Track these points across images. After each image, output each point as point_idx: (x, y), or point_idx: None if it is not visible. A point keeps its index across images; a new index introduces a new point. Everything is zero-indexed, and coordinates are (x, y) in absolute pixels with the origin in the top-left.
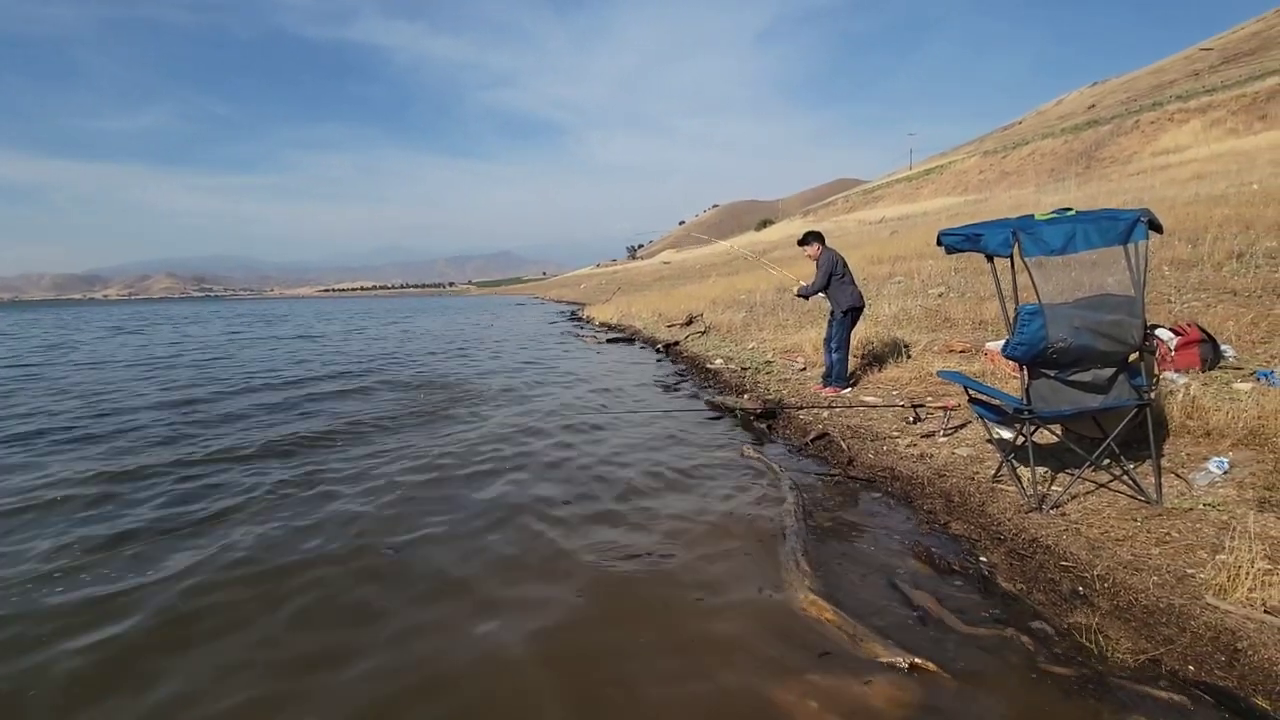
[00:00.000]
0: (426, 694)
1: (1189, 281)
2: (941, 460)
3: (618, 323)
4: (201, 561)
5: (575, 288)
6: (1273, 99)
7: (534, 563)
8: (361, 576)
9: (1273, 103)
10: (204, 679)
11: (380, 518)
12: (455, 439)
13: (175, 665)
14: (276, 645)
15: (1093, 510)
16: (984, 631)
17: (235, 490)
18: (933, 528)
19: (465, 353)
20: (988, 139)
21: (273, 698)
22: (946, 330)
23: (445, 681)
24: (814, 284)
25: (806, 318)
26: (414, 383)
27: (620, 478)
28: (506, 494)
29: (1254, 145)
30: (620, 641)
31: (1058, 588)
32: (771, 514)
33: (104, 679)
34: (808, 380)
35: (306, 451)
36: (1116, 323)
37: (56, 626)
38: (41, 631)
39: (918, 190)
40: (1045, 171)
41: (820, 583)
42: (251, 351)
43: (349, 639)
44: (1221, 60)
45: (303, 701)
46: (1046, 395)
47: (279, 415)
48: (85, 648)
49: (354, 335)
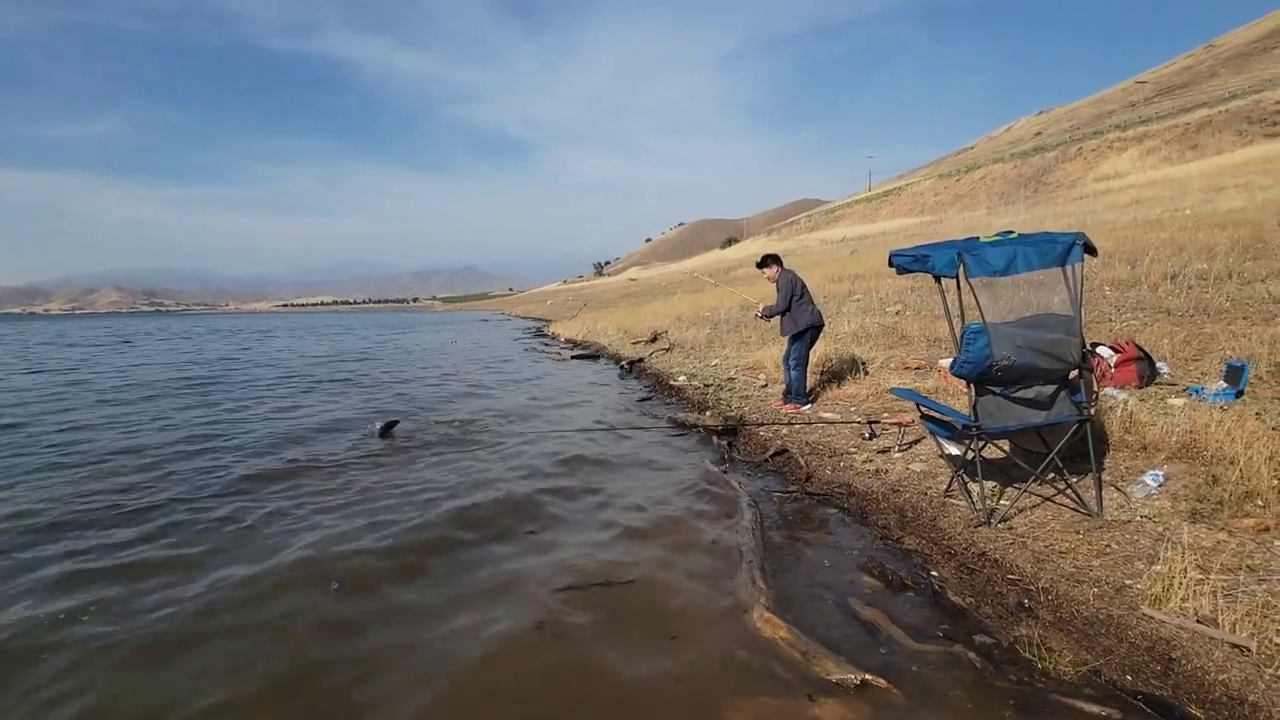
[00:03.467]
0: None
1: (1128, 301)
2: (896, 476)
3: (583, 339)
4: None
5: (541, 304)
6: (1202, 130)
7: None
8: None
9: (1202, 134)
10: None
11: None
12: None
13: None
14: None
15: (1038, 524)
16: (933, 647)
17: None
18: (887, 543)
19: (410, 381)
20: (943, 162)
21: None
22: (903, 347)
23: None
24: (776, 305)
25: (769, 335)
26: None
27: (575, 496)
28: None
29: (1185, 173)
30: (569, 657)
31: (1004, 601)
32: (729, 532)
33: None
34: (769, 396)
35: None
36: (1056, 341)
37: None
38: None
39: (877, 211)
40: (996, 194)
41: (776, 600)
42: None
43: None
44: (1156, 93)
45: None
46: (993, 411)
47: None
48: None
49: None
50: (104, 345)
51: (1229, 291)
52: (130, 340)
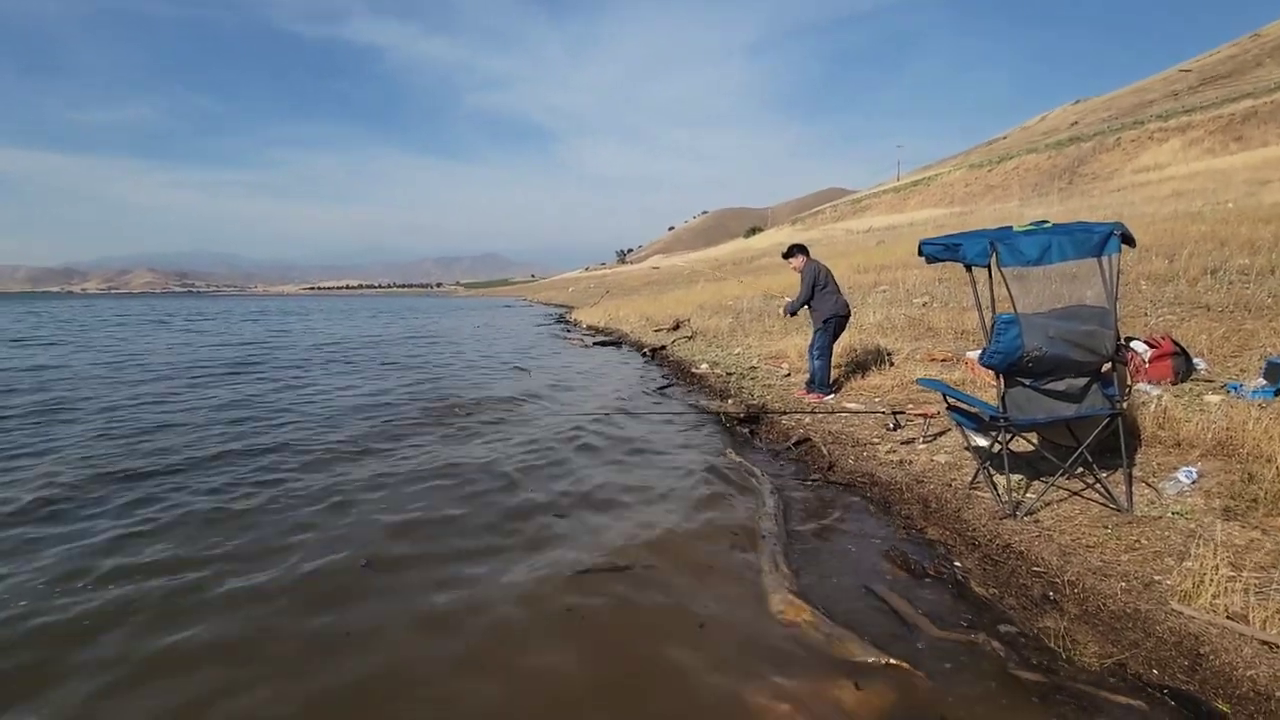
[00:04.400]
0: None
1: (1165, 296)
2: (920, 467)
3: (605, 326)
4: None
5: (563, 290)
6: (1247, 121)
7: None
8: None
9: (1247, 125)
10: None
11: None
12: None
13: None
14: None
15: (1065, 517)
16: (956, 635)
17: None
18: (909, 533)
19: (454, 357)
20: (973, 152)
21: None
22: (929, 339)
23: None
24: (799, 297)
25: (792, 324)
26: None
27: (599, 480)
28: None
29: (1229, 165)
30: (593, 640)
31: (1029, 593)
32: (752, 517)
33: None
34: (792, 386)
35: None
36: (1090, 333)
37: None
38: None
39: (905, 201)
40: (1029, 186)
41: (798, 585)
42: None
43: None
44: (1200, 82)
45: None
46: (1022, 403)
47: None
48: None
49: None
50: (179, 327)
51: (1271, 287)
52: (197, 319)
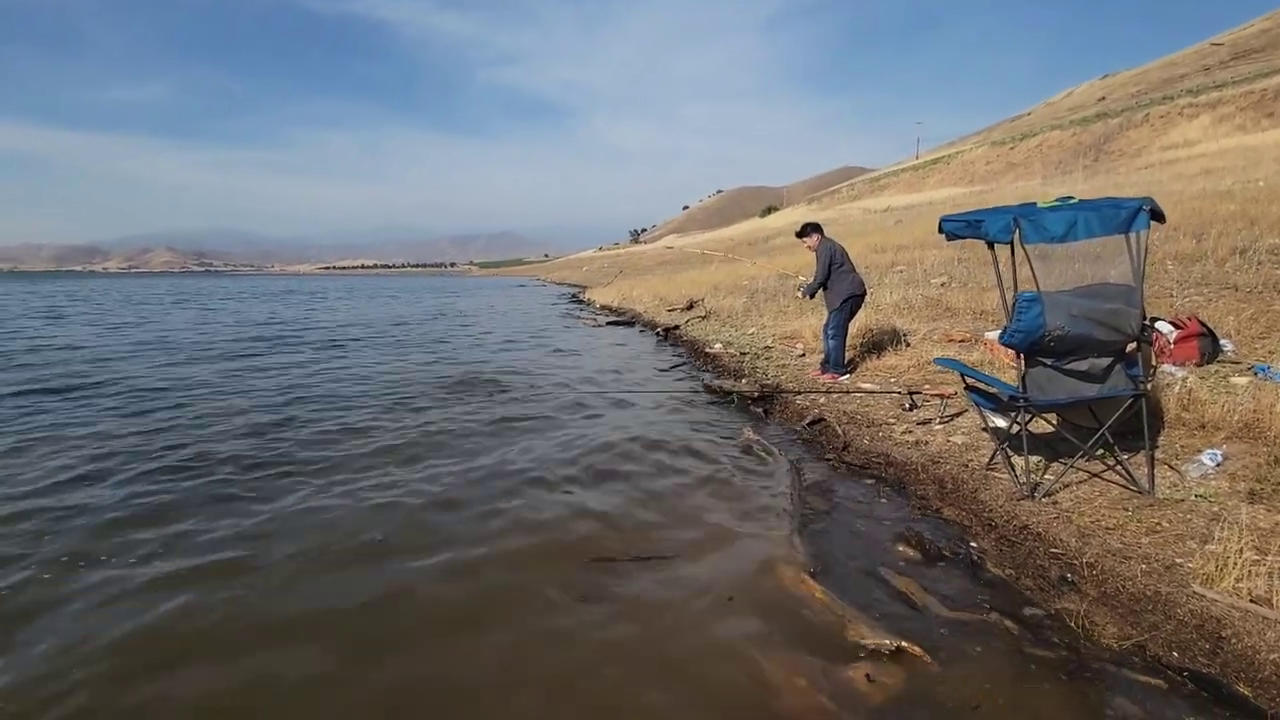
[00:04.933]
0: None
1: (1191, 276)
2: (936, 448)
3: (618, 306)
4: None
5: (577, 270)
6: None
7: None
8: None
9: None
10: None
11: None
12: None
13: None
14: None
15: (1084, 499)
16: (970, 616)
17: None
18: (925, 513)
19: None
20: (996, 129)
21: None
22: (947, 319)
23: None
24: (816, 278)
25: (807, 304)
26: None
27: (616, 456)
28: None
29: (1261, 142)
30: (614, 598)
31: (1046, 574)
32: (766, 496)
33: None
34: (806, 366)
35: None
36: (1114, 311)
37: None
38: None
39: (924, 180)
40: (1053, 163)
41: (812, 565)
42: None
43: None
44: (1232, 56)
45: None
46: (1043, 383)
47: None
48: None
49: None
50: (211, 307)
51: None
52: (234, 300)
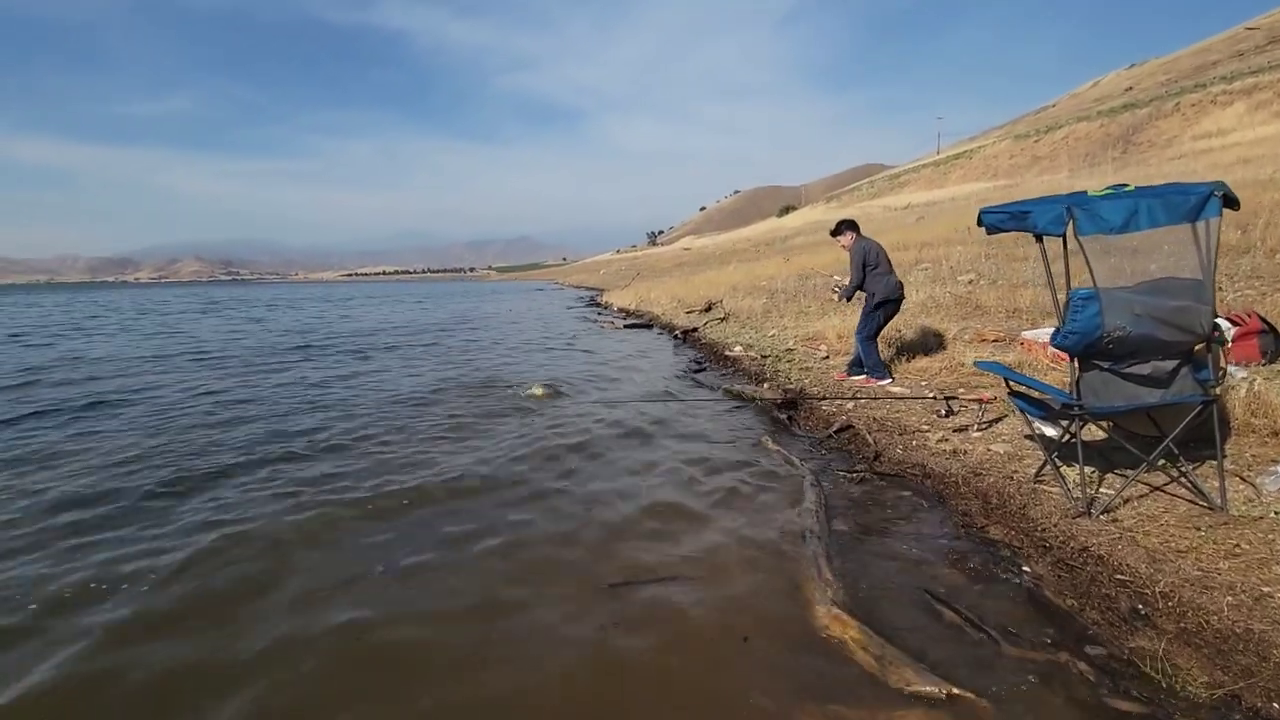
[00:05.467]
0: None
1: (1240, 269)
2: (977, 457)
3: (636, 308)
4: None
5: (595, 273)
6: None
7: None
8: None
9: None
10: None
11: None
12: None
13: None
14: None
15: (1149, 516)
16: (1034, 655)
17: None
18: (969, 532)
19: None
20: (1019, 123)
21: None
22: (977, 318)
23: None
24: (850, 282)
25: (829, 305)
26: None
27: (624, 470)
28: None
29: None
30: (614, 653)
31: (1114, 605)
32: (791, 513)
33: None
34: (831, 369)
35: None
36: (1182, 309)
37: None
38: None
39: (945, 175)
40: (1079, 156)
41: (845, 594)
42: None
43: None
44: (1268, 40)
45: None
46: (1099, 389)
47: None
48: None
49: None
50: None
51: None
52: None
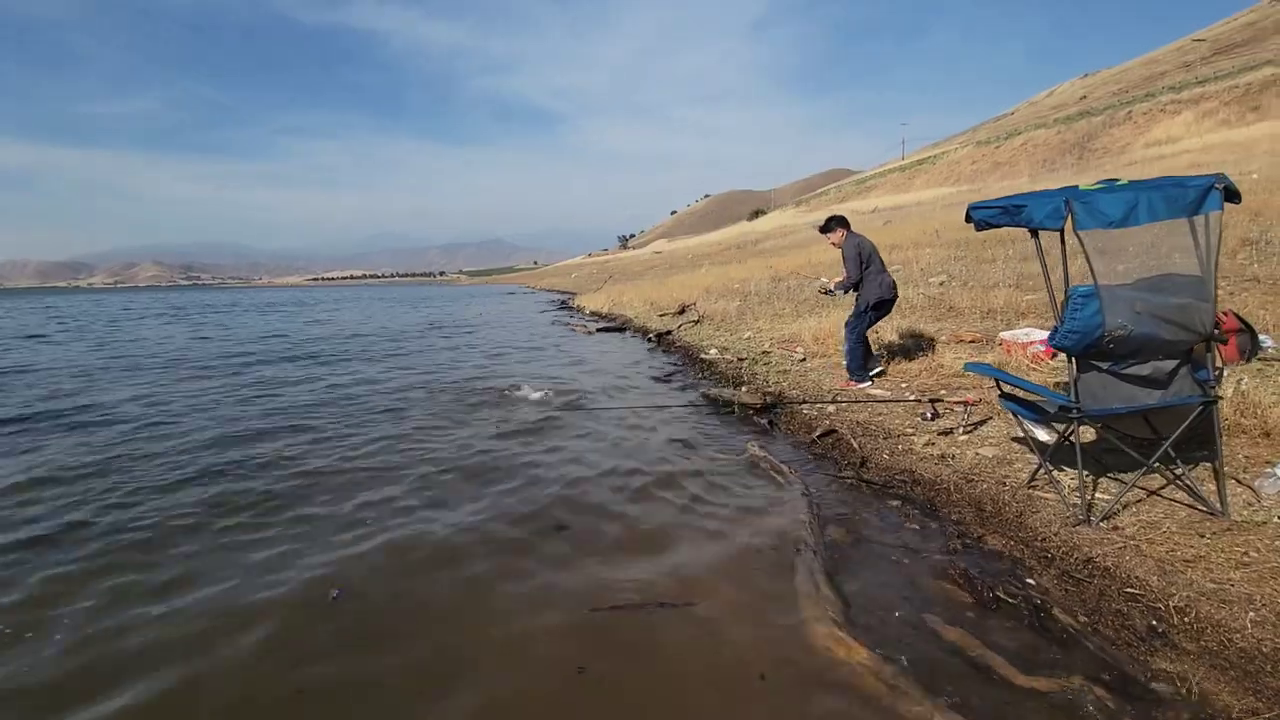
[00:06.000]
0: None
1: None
2: (966, 463)
3: (609, 312)
4: None
5: (566, 277)
6: (1265, 90)
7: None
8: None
9: (1265, 94)
10: None
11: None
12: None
13: None
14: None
15: (1150, 523)
16: (1049, 683)
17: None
18: (965, 543)
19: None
20: (980, 129)
21: None
22: (952, 319)
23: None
24: (848, 277)
25: (804, 306)
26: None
27: (607, 486)
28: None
29: (1248, 136)
30: (598, 686)
31: (1128, 622)
32: (781, 524)
33: None
34: (808, 371)
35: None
36: (1183, 307)
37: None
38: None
39: (910, 180)
40: (1038, 162)
41: (844, 612)
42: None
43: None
44: (1213, 51)
45: None
46: (1096, 391)
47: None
48: None
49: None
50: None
51: None
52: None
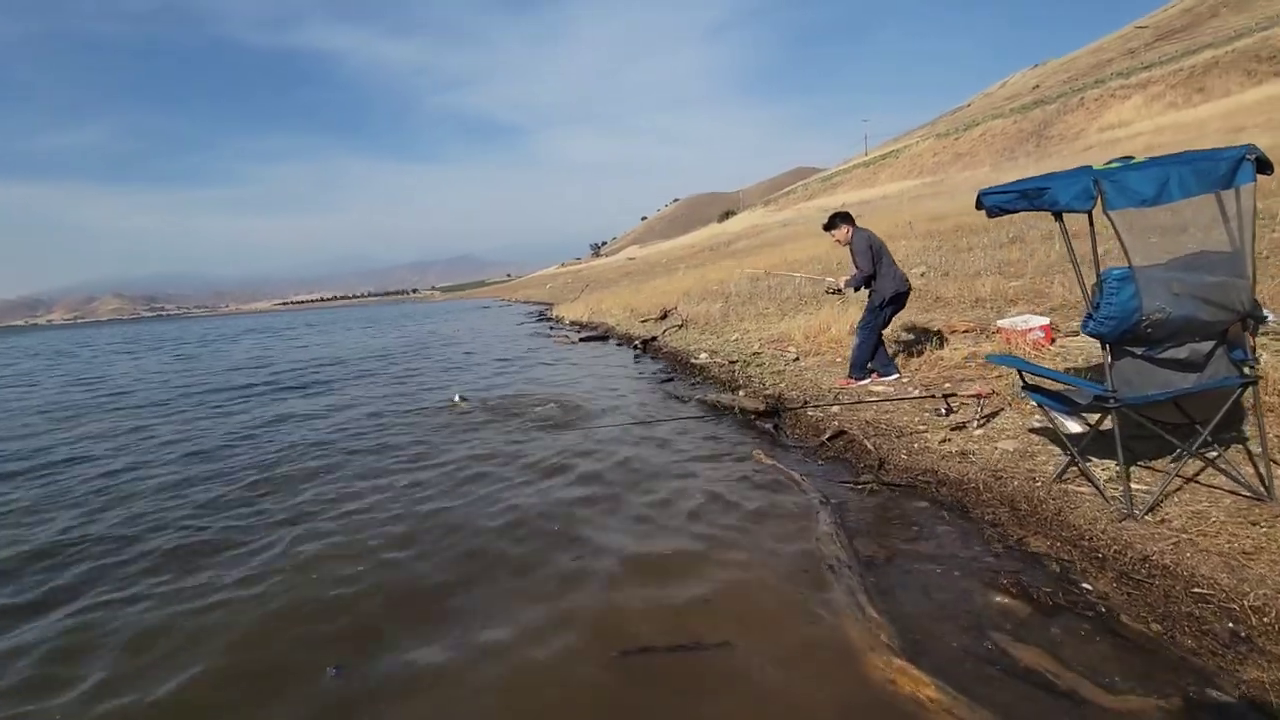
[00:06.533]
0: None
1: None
2: (987, 458)
3: (589, 321)
4: None
5: (541, 288)
6: (1209, 72)
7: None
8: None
9: (1209, 76)
10: None
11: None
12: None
13: None
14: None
15: (1197, 513)
16: (1139, 701)
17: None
18: (1006, 546)
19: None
20: (939, 122)
21: None
22: (940, 310)
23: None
24: (860, 271)
25: (787, 305)
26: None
27: (613, 502)
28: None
29: (1196, 117)
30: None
31: (1207, 628)
32: (807, 538)
33: None
34: (803, 370)
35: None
36: (1221, 285)
37: None
38: None
39: (875, 175)
40: (998, 151)
41: (898, 637)
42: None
43: None
44: (1156, 38)
45: None
46: (1131, 377)
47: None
48: None
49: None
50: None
51: None
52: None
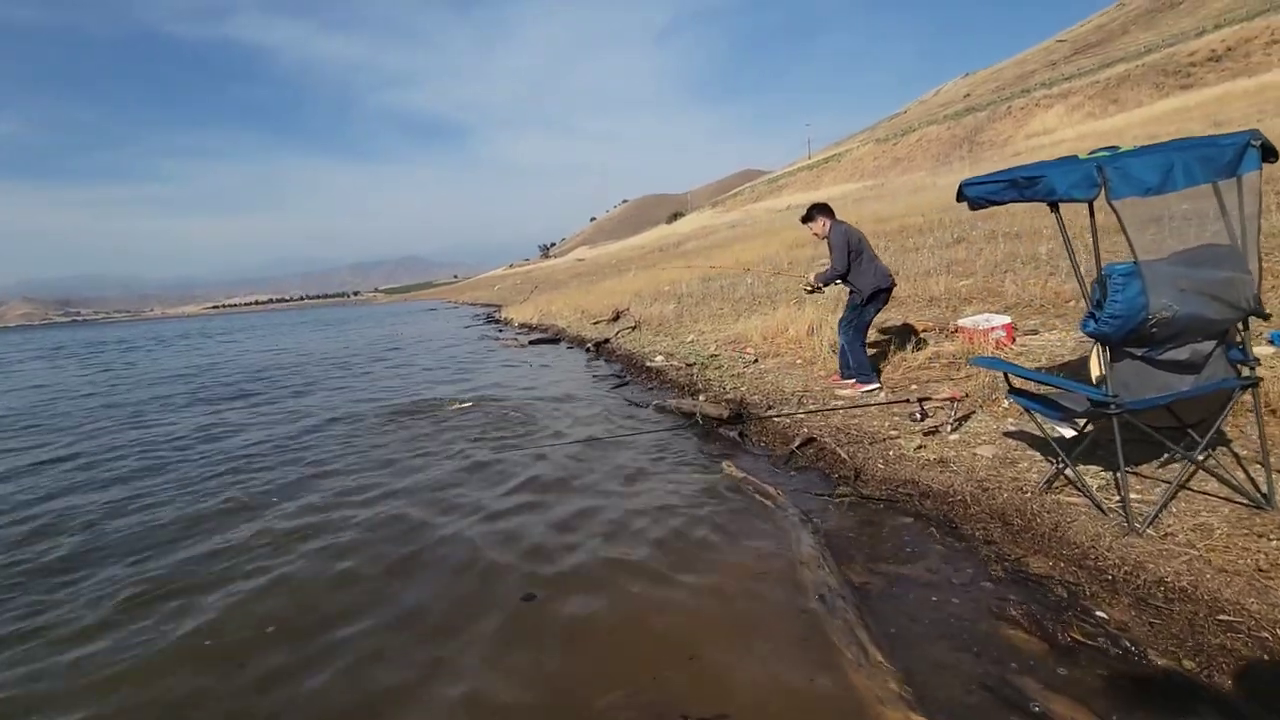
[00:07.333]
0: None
1: (1121, 247)
2: (971, 467)
3: (539, 323)
4: None
5: (489, 289)
6: (1121, 85)
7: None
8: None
9: (1122, 88)
10: None
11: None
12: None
13: None
14: None
15: (1200, 526)
16: None
17: None
18: (1005, 567)
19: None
20: (878, 127)
21: None
22: (896, 310)
23: None
24: (833, 267)
25: (740, 305)
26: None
27: (570, 527)
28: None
29: (1113, 126)
30: None
31: (1244, 663)
32: (790, 564)
33: None
34: (763, 373)
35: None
36: (1228, 281)
37: None
38: None
39: (819, 178)
40: (933, 156)
41: (911, 688)
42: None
43: None
44: (1073, 51)
45: None
46: (1129, 380)
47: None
48: None
49: None
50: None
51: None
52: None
